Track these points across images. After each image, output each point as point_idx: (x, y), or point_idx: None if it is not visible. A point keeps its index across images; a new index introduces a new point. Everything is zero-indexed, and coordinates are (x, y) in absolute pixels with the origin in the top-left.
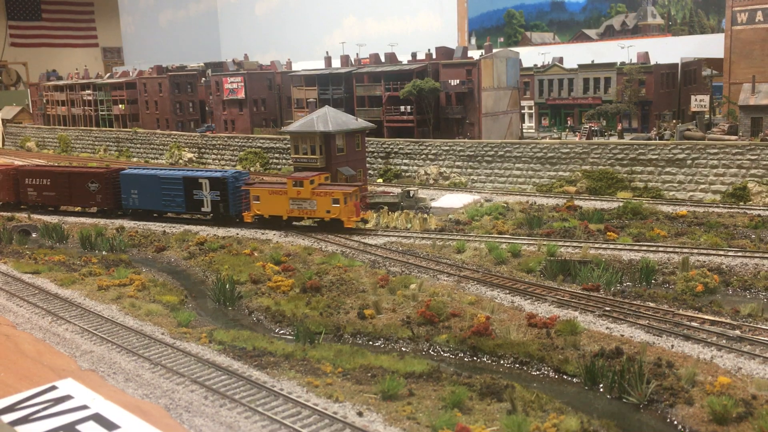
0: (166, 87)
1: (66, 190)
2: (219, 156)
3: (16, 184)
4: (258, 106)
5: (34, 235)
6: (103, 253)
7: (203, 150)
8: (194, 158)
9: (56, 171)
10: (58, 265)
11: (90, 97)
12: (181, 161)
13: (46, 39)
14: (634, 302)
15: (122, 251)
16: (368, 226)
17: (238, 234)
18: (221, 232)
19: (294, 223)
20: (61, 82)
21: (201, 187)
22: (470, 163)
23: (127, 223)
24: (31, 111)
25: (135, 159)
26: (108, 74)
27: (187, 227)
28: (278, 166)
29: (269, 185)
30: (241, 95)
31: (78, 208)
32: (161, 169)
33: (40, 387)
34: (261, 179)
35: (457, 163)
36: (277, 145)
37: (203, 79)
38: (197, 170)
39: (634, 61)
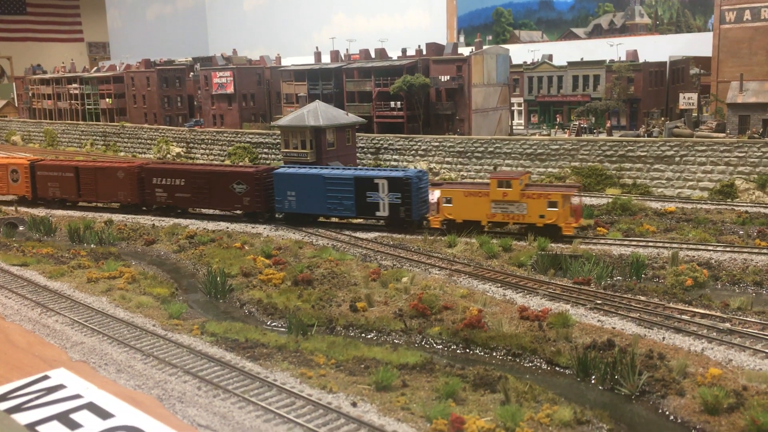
0: (154, 81)
1: (204, 192)
2: (208, 151)
3: (141, 183)
4: (247, 101)
5: (21, 227)
6: (92, 246)
7: (191, 145)
8: (182, 153)
9: (193, 170)
10: (46, 257)
11: (77, 91)
12: (169, 156)
13: (30, 33)
14: (625, 296)
15: (111, 244)
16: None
17: (228, 227)
18: (211, 225)
19: (485, 229)
20: (47, 76)
21: (377, 189)
22: (460, 159)
23: (116, 217)
24: (16, 105)
25: (122, 153)
26: (95, 68)
27: (176, 221)
28: (267, 161)
29: (463, 186)
30: (230, 90)
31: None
32: (324, 168)
33: (33, 377)
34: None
35: (446, 159)
36: (267, 140)
37: (191, 73)
38: (370, 169)
39: (623, 59)
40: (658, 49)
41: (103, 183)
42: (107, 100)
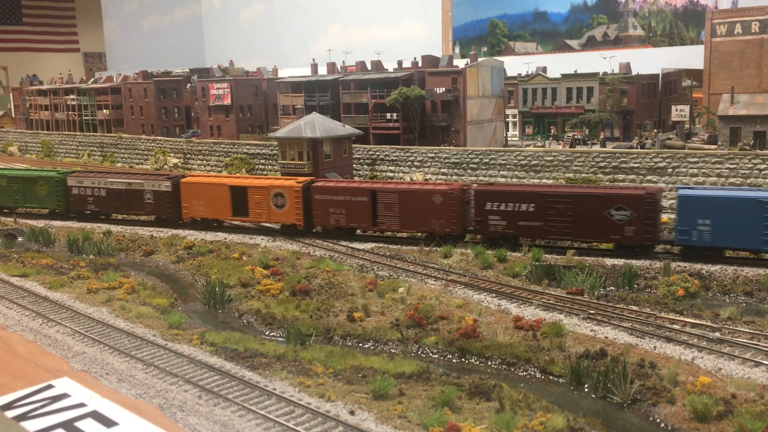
0: (151, 92)
1: (565, 219)
2: (204, 162)
3: (465, 209)
4: (244, 112)
5: (20, 239)
6: (91, 256)
7: (189, 156)
8: (179, 164)
9: (550, 192)
10: (46, 268)
11: (74, 102)
12: (166, 167)
13: (27, 43)
14: (618, 306)
15: (110, 255)
16: None
17: (226, 238)
18: (209, 236)
19: None
20: (44, 87)
21: None
22: (455, 170)
23: (115, 227)
24: (13, 115)
25: (120, 164)
26: (91, 79)
27: (174, 231)
28: (264, 172)
29: None
30: (227, 101)
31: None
32: (761, 190)
33: (36, 386)
34: None
35: (442, 170)
36: (263, 151)
37: (188, 84)
38: None
39: (616, 71)
40: (650, 61)
41: (410, 209)
42: (104, 111)
